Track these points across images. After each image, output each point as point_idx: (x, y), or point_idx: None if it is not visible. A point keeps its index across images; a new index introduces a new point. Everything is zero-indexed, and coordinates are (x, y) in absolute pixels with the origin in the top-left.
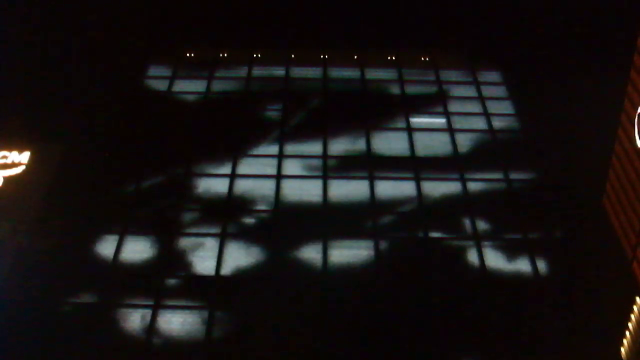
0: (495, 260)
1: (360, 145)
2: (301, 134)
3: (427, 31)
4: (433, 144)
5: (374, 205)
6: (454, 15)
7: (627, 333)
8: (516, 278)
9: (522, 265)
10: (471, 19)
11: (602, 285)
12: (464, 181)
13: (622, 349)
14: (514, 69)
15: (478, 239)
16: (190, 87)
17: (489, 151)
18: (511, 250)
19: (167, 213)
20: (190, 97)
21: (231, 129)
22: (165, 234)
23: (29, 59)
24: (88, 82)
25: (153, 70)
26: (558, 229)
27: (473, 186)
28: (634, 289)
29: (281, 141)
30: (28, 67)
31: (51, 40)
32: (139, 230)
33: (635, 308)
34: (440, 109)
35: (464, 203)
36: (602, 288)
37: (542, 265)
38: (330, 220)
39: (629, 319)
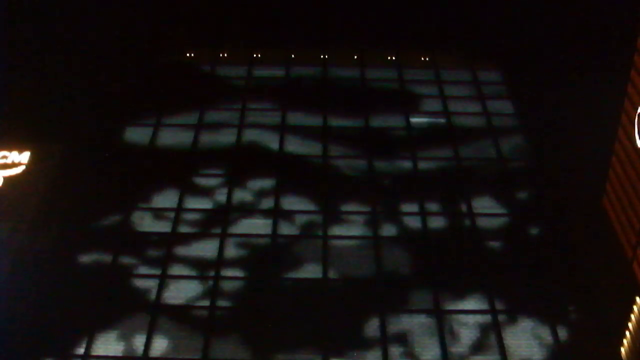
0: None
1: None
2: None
3: (427, 31)
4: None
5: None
6: (454, 15)
7: (627, 333)
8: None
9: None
10: (471, 19)
11: (602, 285)
12: (462, 180)
13: (622, 349)
14: (514, 68)
15: (478, 239)
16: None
17: (488, 150)
18: (511, 251)
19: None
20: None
21: None
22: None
23: (29, 58)
24: (88, 82)
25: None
26: (558, 228)
27: (470, 182)
28: (634, 289)
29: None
30: (28, 67)
31: (51, 40)
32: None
33: (635, 308)
34: (440, 109)
35: (462, 199)
36: (602, 288)
37: (540, 266)
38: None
39: (629, 319)
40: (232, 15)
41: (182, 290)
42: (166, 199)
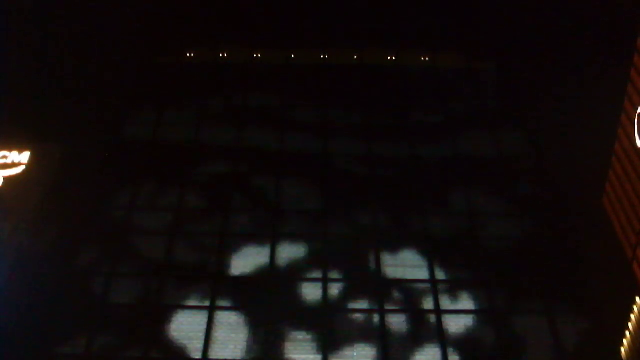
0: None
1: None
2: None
3: (427, 31)
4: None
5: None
6: (453, 15)
7: (627, 333)
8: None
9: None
10: (471, 19)
11: (602, 285)
12: (462, 179)
13: (622, 349)
14: (513, 68)
15: (478, 239)
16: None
17: (488, 150)
18: (509, 251)
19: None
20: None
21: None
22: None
23: (29, 58)
24: (88, 82)
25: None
26: (558, 228)
27: (471, 182)
28: (634, 289)
29: None
30: (28, 67)
31: (51, 40)
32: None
33: (635, 308)
34: (440, 109)
35: (462, 199)
36: (602, 288)
37: (540, 266)
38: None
39: (629, 319)
40: (232, 15)
41: (183, 290)
42: (167, 198)
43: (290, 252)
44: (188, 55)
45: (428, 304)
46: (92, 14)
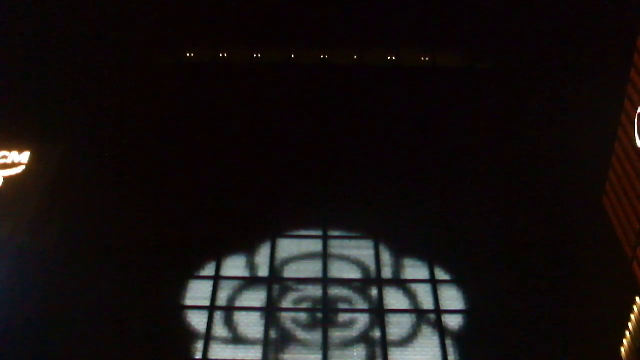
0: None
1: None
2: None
3: (427, 31)
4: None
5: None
6: (453, 15)
7: (627, 333)
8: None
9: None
10: (471, 19)
11: (602, 285)
12: (462, 179)
13: (622, 349)
14: (513, 68)
15: (477, 239)
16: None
17: (487, 150)
18: (509, 251)
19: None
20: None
21: None
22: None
23: (30, 58)
24: (89, 81)
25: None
26: (558, 228)
27: (470, 182)
28: (634, 289)
29: None
30: (28, 67)
31: (51, 40)
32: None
33: (635, 308)
34: (439, 109)
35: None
36: (602, 288)
37: (540, 266)
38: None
39: (629, 319)
40: (232, 15)
41: (184, 289)
42: (167, 196)
43: (289, 251)
44: (188, 55)
45: (428, 304)
46: (92, 14)
